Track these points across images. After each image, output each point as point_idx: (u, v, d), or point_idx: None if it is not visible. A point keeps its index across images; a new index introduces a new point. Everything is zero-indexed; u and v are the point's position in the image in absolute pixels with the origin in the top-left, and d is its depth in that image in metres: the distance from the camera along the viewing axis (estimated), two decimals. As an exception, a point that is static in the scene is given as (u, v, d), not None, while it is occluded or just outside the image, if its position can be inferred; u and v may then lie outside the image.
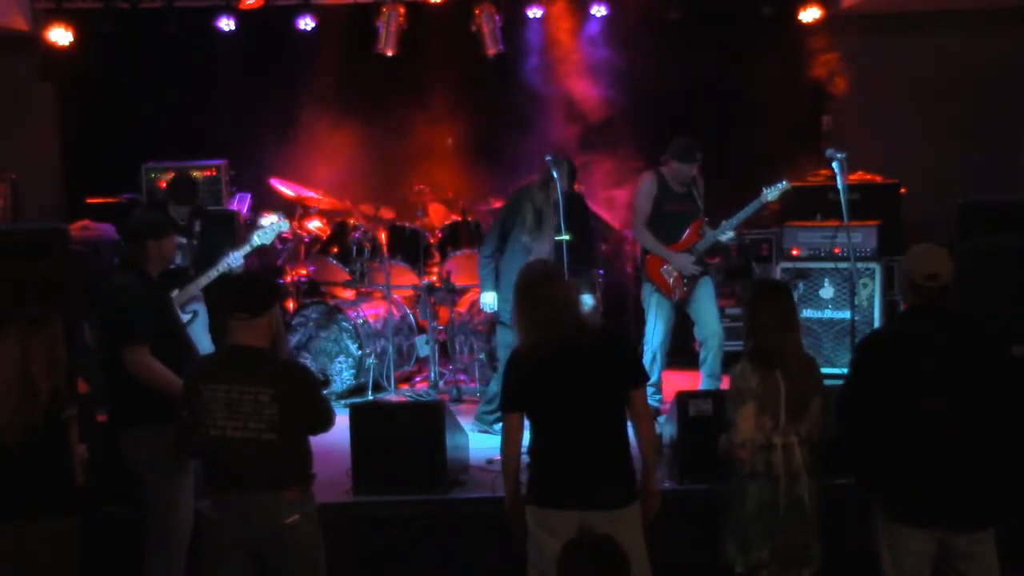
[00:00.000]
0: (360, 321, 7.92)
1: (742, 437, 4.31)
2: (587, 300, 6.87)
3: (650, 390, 6.99)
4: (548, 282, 4.23)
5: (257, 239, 6.58)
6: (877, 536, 4.26)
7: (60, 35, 9.11)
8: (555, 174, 6.50)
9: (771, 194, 6.96)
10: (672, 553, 4.98)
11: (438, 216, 9.06)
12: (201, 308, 6.69)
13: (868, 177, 8.46)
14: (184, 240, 6.76)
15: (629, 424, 4.33)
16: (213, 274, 6.44)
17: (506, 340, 6.70)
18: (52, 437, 4.14)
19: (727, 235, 6.97)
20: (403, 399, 7.66)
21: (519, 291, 4.28)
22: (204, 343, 6.68)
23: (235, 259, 6.46)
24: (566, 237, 6.50)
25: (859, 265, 7.48)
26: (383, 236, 8.45)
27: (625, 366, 4.27)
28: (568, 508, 4.14)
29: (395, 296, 8.33)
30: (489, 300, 6.89)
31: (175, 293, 6.59)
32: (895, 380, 4.13)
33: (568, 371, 4.15)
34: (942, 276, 4.15)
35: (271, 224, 6.67)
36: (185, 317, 6.64)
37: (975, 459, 4.09)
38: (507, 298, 6.51)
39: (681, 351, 7.79)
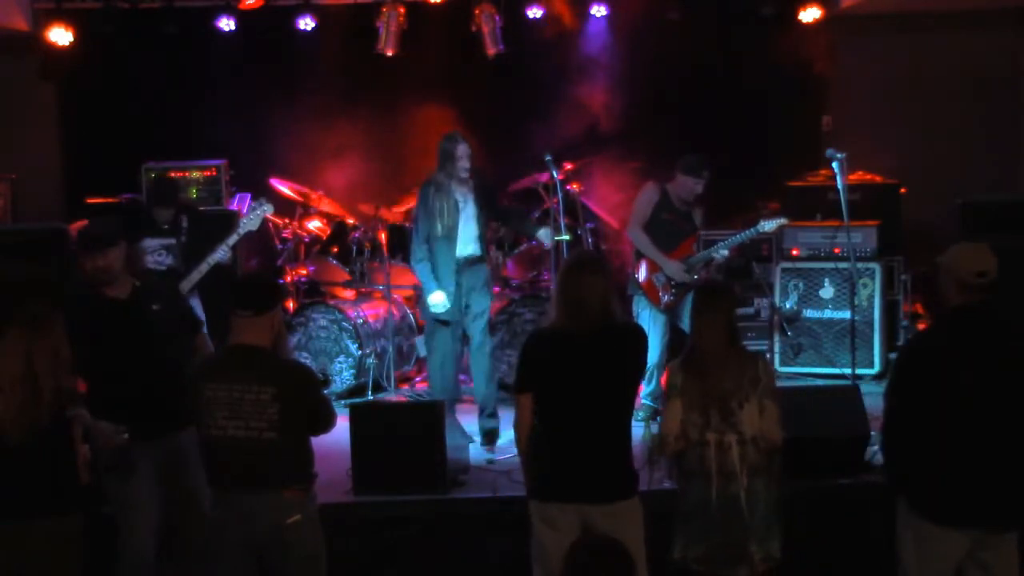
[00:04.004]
0: (360, 321, 7.93)
1: (664, 431, 4.36)
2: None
3: (647, 399, 7.00)
4: (587, 271, 4.27)
5: (243, 227, 6.55)
6: (903, 536, 4.24)
7: (60, 35, 9.11)
8: (554, 173, 6.48)
9: (767, 226, 6.98)
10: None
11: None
12: (196, 304, 6.68)
13: (868, 177, 8.47)
14: (172, 240, 6.75)
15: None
16: (204, 268, 6.43)
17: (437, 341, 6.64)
18: (56, 436, 4.14)
19: (721, 254, 6.97)
20: (403, 399, 7.65)
21: (560, 275, 4.38)
22: None
23: (223, 251, 6.44)
24: (566, 237, 6.50)
25: (859, 265, 7.48)
26: (383, 236, 8.44)
27: (637, 362, 4.36)
28: (568, 500, 4.18)
29: (395, 296, 8.33)
30: (440, 299, 6.47)
31: None
32: (942, 380, 4.11)
33: (579, 362, 4.19)
34: (991, 273, 4.15)
35: (254, 210, 6.63)
36: None
37: (1014, 459, 4.08)
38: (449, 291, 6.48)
39: (680, 352, 7.77)
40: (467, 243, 6.51)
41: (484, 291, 6.62)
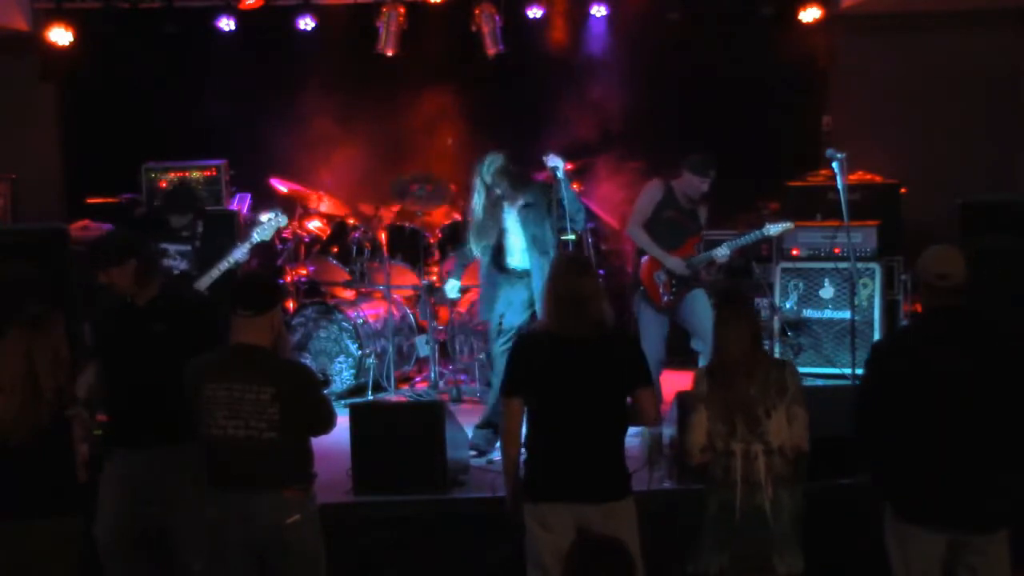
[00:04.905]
0: (360, 321, 7.93)
1: (689, 442, 4.31)
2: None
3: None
4: (575, 274, 4.27)
5: (257, 236, 6.57)
6: (888, 536, 4.25)
7: (60, 35, 9.13)
8: (559, 175, 6.48)
9: (773, 229, 6.97)
10: (671, 553, 4.99)
11: (438, 216, 9.06)
12: None
13: (868, 177, 8.47)
14: (188, 247, 6.75)
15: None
16: (215, 274, 6.43)
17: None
18: (55, 436, 4.14)
19: (723, 255, 6.95)
20: (403, 399, 7.66)
21: (550, 276, 4.37)
22: None
23: (236, 257, 6.46)
24: (571, 237, 6.50)
25: (859, 265, 7.48)
26: (383, 236, 8.45)
27: (632, 366, 4.29)
28: (561, 501, 4.17)
29: (395, 296, 8.33)
30: (447, 286, 7.03)
31: None
32: (909, 382, 4.11)
33: (572, 363, 4.18)
34: (953, 276, 4.11)
35: (269, 220, 6.66)
36: None
37: (988, 460, 4.07)
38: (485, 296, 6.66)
39: (681, 351, 7.78)
40: (512, 254, 6.56)
41: (519, 310, 6.54)
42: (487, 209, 6.54)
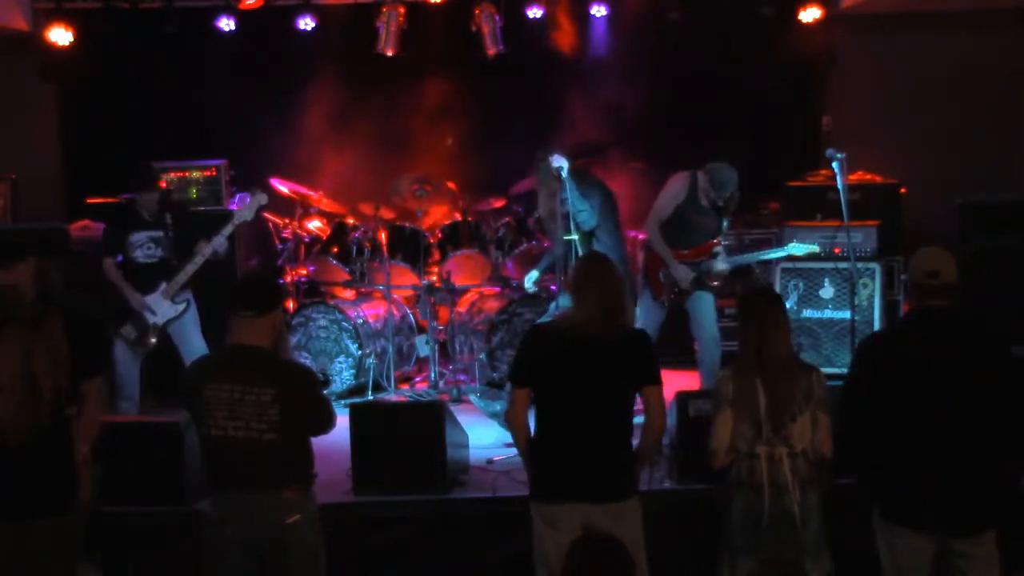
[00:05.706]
0: (360, 321, 7.93)
1: (715, 444, 4.29)
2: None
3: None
4: (596, 274, 4.30)
5: (238, 217, 6.58)
6: (877, 536, 4.25)
7: (60, 35, 9.12)
8: (563, 173, 6.49)
9: (798, 249, 6.93)
10: (672, 553, 5.00)
11: (438, 216, 9.06)
12: (190, 297, 6.69)
13: (868, 177, 8.46)
14: (159, 233, 6.74)
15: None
16: (199, 260, 6.46)
17: None
18: (55, 436, 4.14)
19: (737, 265, 6.96)
20: (403, 399, 7.66)
21: (572, 277, 4.44)
22: (195, 339, 6.68)
23: (219, 242, 6.48)
24: (574, 236, 6.52)
25: (859, 265, 7.47)
26: (383, 236, 8.44)
27: (641, 364, 4.27)
28: (568, 500, 4.17)
29: (395, 296, 8.33)
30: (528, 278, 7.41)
31: (163, 286, 6.60)
32: (894, 382, 4.11)
33: (581, 358, 4.18)
34: (943, 274, 4.10)
35: (249, 201, 6.67)
36: (179, 307, 6.64)
37: (974, 461, 4.06)
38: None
39: (681, 351, 7.78)
40: (583, 249, 6.67)
41: None
42: (544, 205, 6.92)
